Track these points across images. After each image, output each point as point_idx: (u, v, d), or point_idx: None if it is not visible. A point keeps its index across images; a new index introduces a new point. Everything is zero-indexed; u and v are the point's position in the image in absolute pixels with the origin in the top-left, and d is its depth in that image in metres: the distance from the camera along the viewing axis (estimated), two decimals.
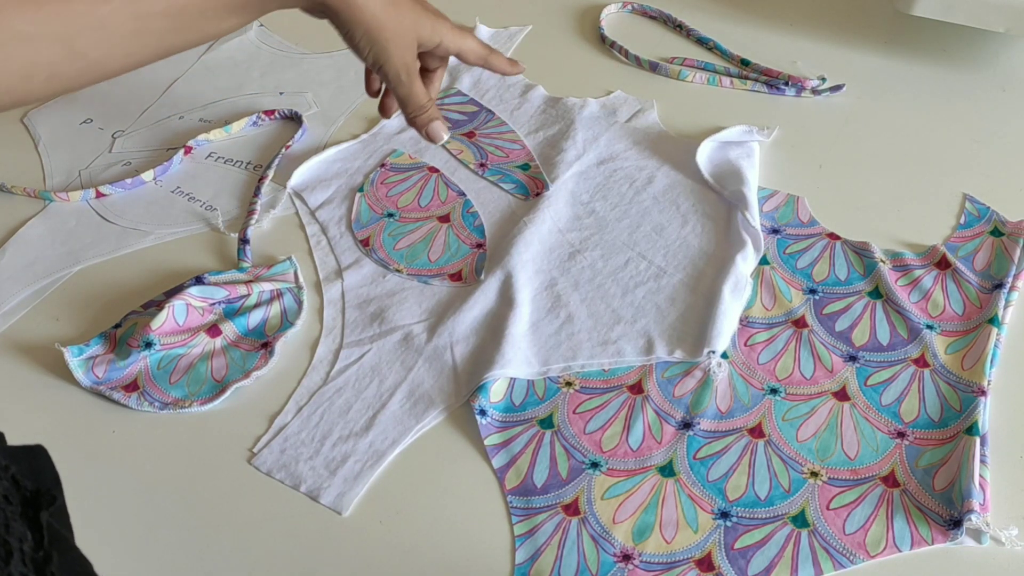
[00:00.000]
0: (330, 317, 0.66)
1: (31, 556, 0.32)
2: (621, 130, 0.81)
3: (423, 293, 0.68)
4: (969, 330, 0.63)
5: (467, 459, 0.58)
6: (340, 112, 0.85)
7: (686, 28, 0.93)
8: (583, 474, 0.56)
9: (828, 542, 0.53)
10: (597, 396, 0.61)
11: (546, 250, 0.70)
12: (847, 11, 0.94)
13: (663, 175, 0.76)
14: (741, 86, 0.86)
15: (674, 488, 0.56)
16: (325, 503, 0.55)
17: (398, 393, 0.61)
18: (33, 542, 0.34)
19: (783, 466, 0.56)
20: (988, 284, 0.66)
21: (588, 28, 0.94)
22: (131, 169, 0.80)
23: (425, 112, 0.61)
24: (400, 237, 0.72)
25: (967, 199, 0.73)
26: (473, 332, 0.64)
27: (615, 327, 0.64)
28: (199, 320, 0.64)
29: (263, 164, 0.80)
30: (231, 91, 0.88)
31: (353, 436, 0.59)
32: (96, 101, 0.87)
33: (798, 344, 0.63)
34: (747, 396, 0.60)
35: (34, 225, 0.74)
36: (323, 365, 0.63)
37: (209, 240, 0.73)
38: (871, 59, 0.88)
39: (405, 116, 0.61)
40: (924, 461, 0.56)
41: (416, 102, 0.60)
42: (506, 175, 0.77)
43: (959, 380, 0.60)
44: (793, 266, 0.68)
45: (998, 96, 0.83)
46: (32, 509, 0.35)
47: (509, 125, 0.82)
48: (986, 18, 0.80)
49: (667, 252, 0.70)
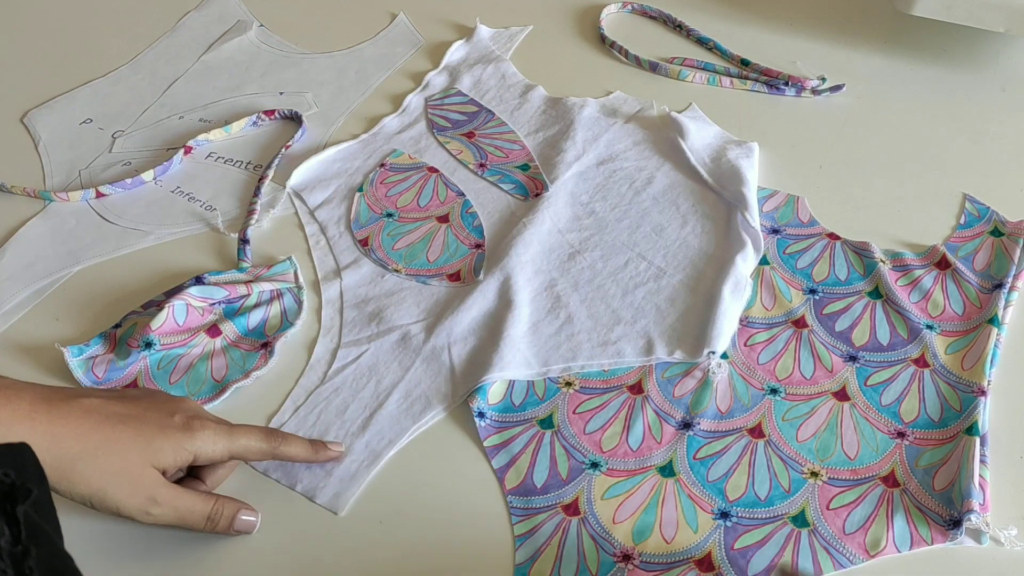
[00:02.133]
0: (328, 317, 0.66)
1: (8, 551, 0.32)
2: (621, 130, 0.81)
3: (421, 293, 0.68)
4: (969, 330, 0.63)
5: (467, 459, 0.58)
6: (340, 112, 0.85)
7: (686, 28, 0.93)
8: (583, 474, 0.56)
9: (828, 542, 0.53)
10: (597, 396, 0.61)
11: (546, 251, 0.70)
12: (847, 11, 0.94)
13: (663, 175, 0.76)
14: (741, 86, 0.86)
15: (674, 488, 0.56)
16: (321, 503, 0.55)
17: (395, 393, 0.61)
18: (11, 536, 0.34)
19: (783, 466, 0.56)
20: (988, 284, 0.66)
21: (588, 28, 0.94)
22: (131, 169, 0.80)
23: (215, 521, 0.52)
24: (399, 237, 0.72)
25: (967, 199, 0.73)
26: (471, 333, 0.64)
27: (615, 328, 0.64)
28: (199, 320, 0.64)
29: (263, 164, 0.80)
30: (231, 91, 0.88)
31: (350, 436, 0.59)
32: (96, 101, 0.88)
33: (798, 344, 0.63)
34: (747, 396, 0.60)
35: (34, 225, 0.74)
36: (320, 365, 0.63)
37: (209, 240, 0.73)
38: (871, 59, 0.88)
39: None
40: (924, 461, 0.56)
41: (195, 519, 0.51)
42: (505, 175, 0.77)
43: (959, 380, 0.60)
44: (793, 266, 0.68)
45: (998, 96, 0.83)
46: (9, 504, 0.35)
47: (509, 125, 0.82)
48: (986, 18, 0.80)
49: (667, 253, 0.70)
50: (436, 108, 0.85)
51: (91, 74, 0.91)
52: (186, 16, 0.98)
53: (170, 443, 0.50)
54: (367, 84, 0.88)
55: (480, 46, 0.92)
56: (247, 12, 0.99)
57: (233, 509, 0.53)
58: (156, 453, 0.49)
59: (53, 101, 0.88)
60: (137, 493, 0.49)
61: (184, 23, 0.97)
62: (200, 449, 0.51)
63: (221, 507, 0.52)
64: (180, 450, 0.50)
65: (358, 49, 0.93)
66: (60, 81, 0.90)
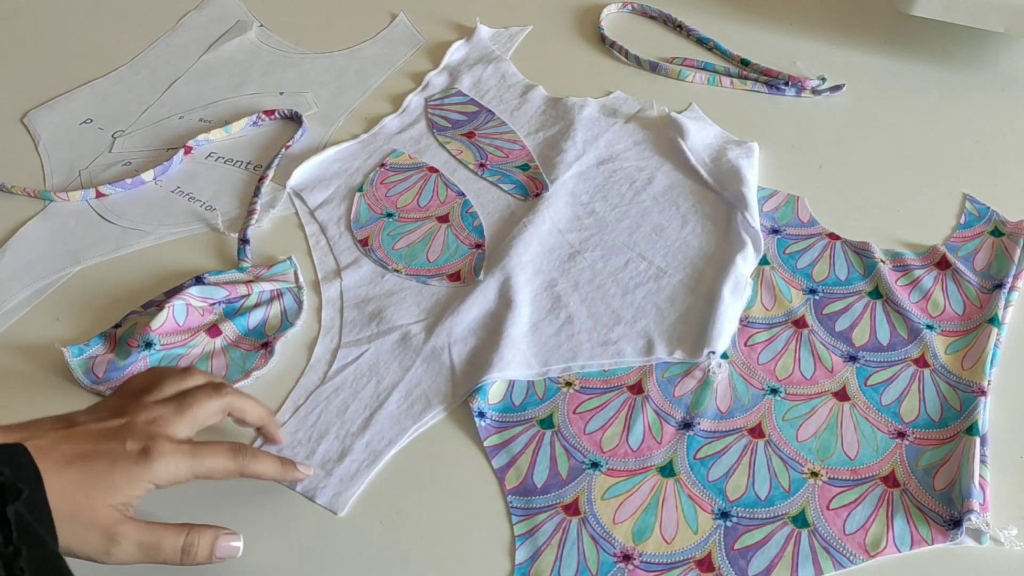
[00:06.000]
0: (328, 317, 0.66)
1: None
2: (621, 130, 0.81)
3: (421, 293, 0.68)
4: (969, 330, 0.63)
5: (467, 459, 0.58)
6: (340, 112, 0.85)
7: (686, 28, 0.93)
8: (583, 474, 0.56)
9: (828, 542, 0.53)
10: (597, 396, 0.61)
11: (546, 251, 0.70)
12: (847, 11, 0.94)
13: (663, 175, 0.76)
14: (741, 86, 0.86)
15: (674, 488, 0.56)
16: (321, 503, 0.55)
17: (395, 393, 0.61)
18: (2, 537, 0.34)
19: (783, 466, 0.56)
20: (988, 284, 0.66)
21: (588, 28, 0.94)
22: (131, 169, 0.80)
23: (191, 553, 0.48)
24: (399, 237, 0.72)
25: (967, 199, 0.73)
26: (471, 333, 0.64)
27: (615, 328, 0.64)
28: (199, 320, 0.64)
29: (263, 164, 0.80)
30: (231, 91, 0.88)
31: (350, 436, 0.59)
32: (96, 101, 0.88)
33: (798, 344, 0.63)
34: (747, 396, 0.60)
35: (34, 225, 0.74)
36: (321, 365, 0.63)
37: (209, 240, 0.73)
38: (871, 59, 0.88)
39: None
40: (924, 461, 0.56)
41: (167, 553, 0.47)
42: (506, 175, 0.77)
43: (959, 380, 0.60)
44: (793, 266, 0.68)
45: (998, 96, 0.83)
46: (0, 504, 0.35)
47: (509, 125, 0.82)
48: (986, 18, 0.80)
49: (667, 253, 0.70)
50: (436, 108, 0.85)
51: (91, 74, 0.91)
52: (186, 16, 0.98)
53: (123, 476, 0.46)
54: (367, 84, 0.88)
55: (480, 46, 0.92)
56: (247, 12, 0.99)
57: (211, 537, 0.48)
58: (108, 490, 0.46)
59: (53, 101, 0.88)
60: (91, 534, 0.45)
61: (184, 23, 0.97)
62: (159, 477, 0.47)
63: (196, 537, 0.48)
64: (136, 482, 0.46)
65: (358, 49, 0.93)
66: (60, 81, 0.90)
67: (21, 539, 0.34)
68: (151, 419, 0.49)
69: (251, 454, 0.52)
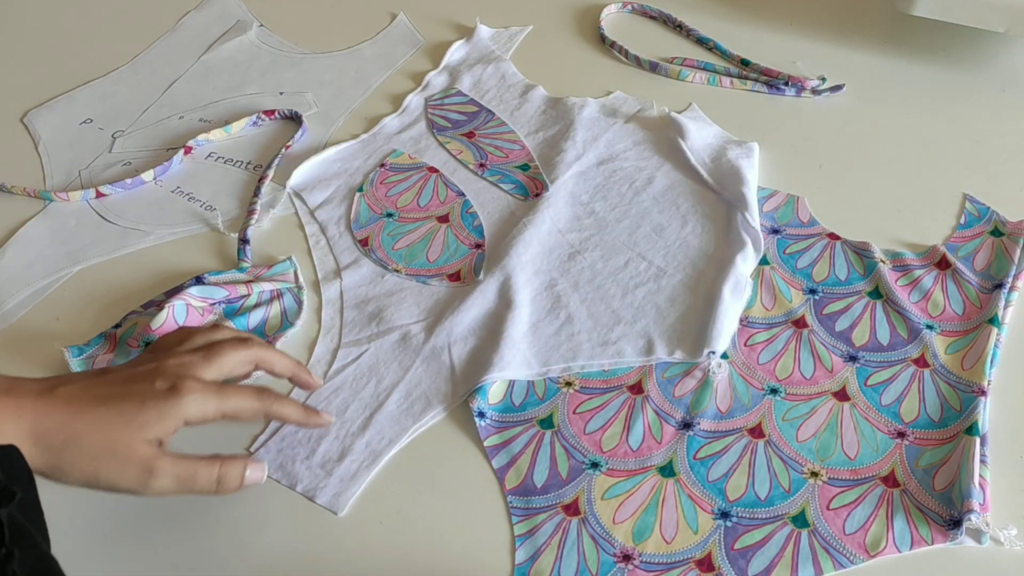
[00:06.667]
0: (328, 317, 0.66)
1: None
2: (621, 130, 0.81)
3: (421, 293, 0.68)
4: (969, 330, 0.63)
5: (467, 459, 0.58)
6: (340, 112, 0.85)
7: (686, 28, 0.93)
8: (583, 474, 0.56)
9: (828, 542, 0.53)
10: (597, 396, 0.61)
11: (546, 251, 0.70)
12: (847, 11, 0.94)
13: (663, 175, 0.76)
14: (741, 86, 0.86)
15: (674, 488, 0.56)
16: (321, 503, 0.55)
17: (395, 393, 0.61)
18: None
19: (783, 466, 0.56)
20: (988, 284, 0.66)
21: (588, 28, 0.94)
22: (131, 169, 0.80)
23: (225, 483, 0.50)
24: (399, 237, 0.72)
25: (967, 199, 0.73)
26: (471, 333, 0.64)
27: (615, 328, 0.64)
28: (199, 320, 0.64)
29: (263, 164, 0.80)
30: (231, 91, 0.88)
31: (350, 436, 0.59)
32: (96, 101, 0.88)
33: (798, 344, 0.63)
34: (747, 396, 0.60)
35: (34, 225, 0.74)
36: (321, 365, 0.63)
37: (209, 240, 0.73)
38: (871, 59, 0.88)
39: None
40: (924, 461, 0.56)
41: (201, 484, 0.50)
42: (505, 175, 0.77)
43: (959, 380, 0.60)
44: (793, 266, 0.68)
45: (998, 96, 0.83)
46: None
47: (509, 125, 0.82)
48: (986, 18, 0.80)
49: (667, 253, 0.70)
50: (436, 108, 0.85)
51: (91, 74, 0.91)
52: (186, 16, 0.98)
53: (154, 413, 0.48)
54: (367, 84, 0.88)
55: (480, 46, 0.92)
56: (247, 12, 0.99)
57: (241, 467, 0.51)
58: (142, 426, 0.48)
59: (53, 101, 0.88)
60: (129, 468, 0.48)
61: (184, 23, 0.97)
62: (188, 412, 0.49)
63: (228, 468, 0.50)
64: (166, 418, 0.49)
65: (358, 49, 0.93)
66: (60, 81, 0.90)
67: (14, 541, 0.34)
68: (180, 363, 0.51)
69: (276, 397, 0.54)
